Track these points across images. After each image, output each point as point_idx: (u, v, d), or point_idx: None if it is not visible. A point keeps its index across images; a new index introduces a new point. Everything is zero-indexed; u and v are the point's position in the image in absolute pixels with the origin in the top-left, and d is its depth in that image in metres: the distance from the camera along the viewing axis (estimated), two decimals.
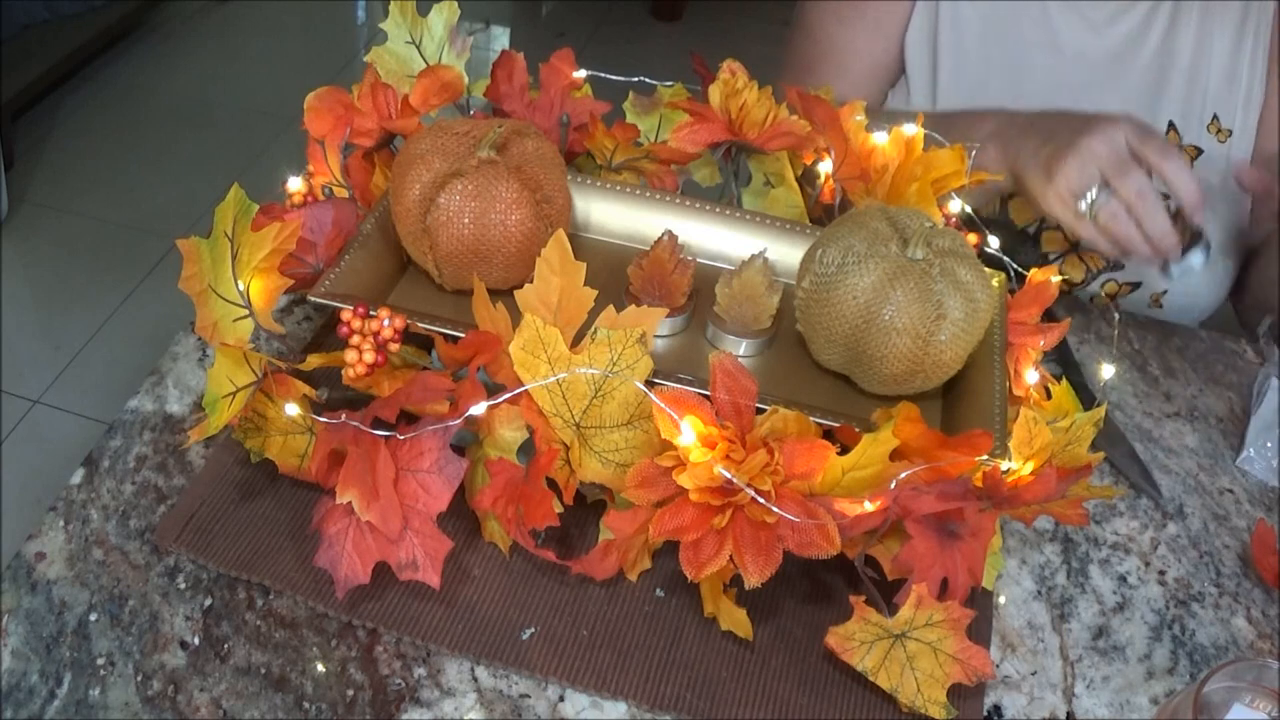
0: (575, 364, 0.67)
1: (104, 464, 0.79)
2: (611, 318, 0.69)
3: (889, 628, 0.66)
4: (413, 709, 0.66)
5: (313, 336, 0.88)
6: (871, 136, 0.88)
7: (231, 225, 0.68)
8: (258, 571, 0.71)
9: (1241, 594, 0.78)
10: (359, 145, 0.85)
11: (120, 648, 0.68)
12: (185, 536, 0.73)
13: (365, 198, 0.85)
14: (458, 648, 0.68)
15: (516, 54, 0.91)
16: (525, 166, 0.76)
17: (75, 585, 0.71)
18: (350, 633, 0.70)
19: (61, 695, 0.66)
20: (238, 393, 0.67)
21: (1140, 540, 0.81)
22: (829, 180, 0.88)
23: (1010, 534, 0.80)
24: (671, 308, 0.80)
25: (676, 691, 0.67)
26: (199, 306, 0.69)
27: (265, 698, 0.66)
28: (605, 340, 0.67)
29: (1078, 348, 0.97)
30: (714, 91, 0.86)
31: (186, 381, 0.85)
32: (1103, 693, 0.72)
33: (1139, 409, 0.92)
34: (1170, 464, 0.88)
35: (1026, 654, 0.73)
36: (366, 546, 0.65)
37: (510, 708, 0.67)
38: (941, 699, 0.65)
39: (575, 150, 0.92)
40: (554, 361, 0.67)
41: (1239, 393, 0.95)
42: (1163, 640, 0.75)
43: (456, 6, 0.90)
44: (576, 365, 0.67)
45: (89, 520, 0.75)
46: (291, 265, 0.77)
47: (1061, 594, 0.77)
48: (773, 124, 0.85)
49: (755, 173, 0.93)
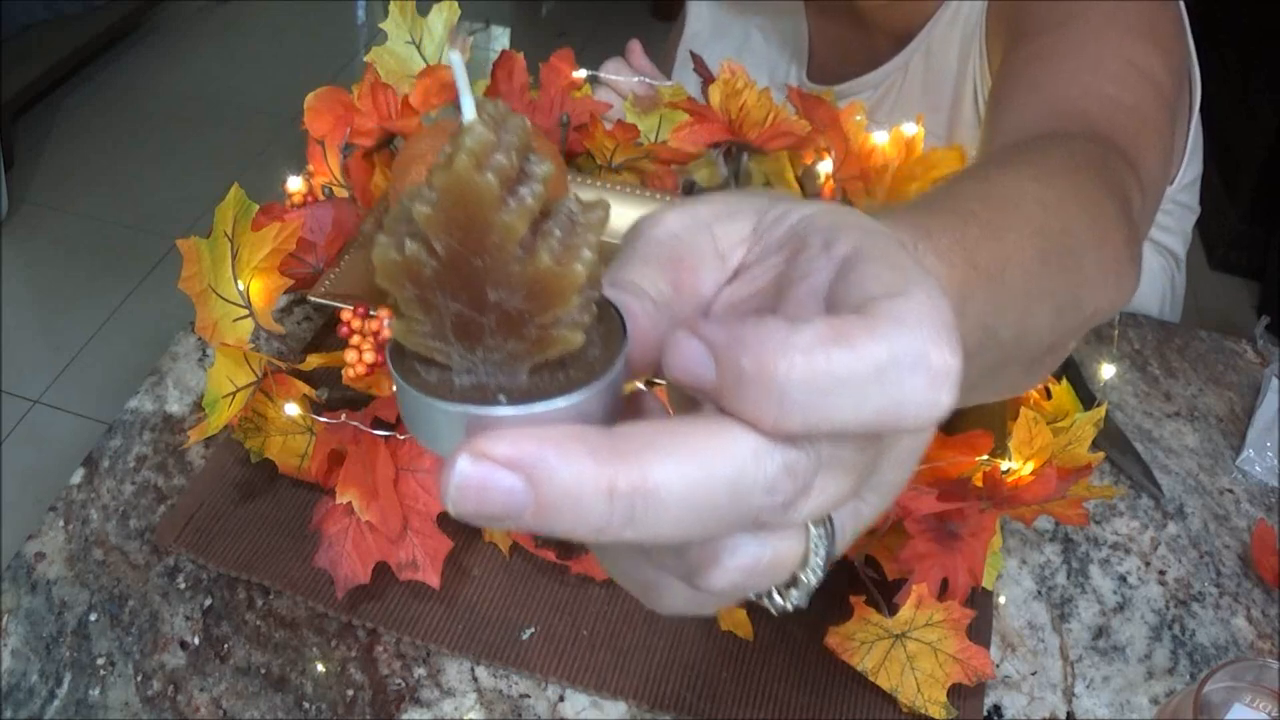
0: None
1: (104, 464, 0.79)
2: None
3: (889, 628, 0.66)
4: (413, 709, 0.66)
5: (313, 336, 0.88)
6: (871, 136, 0.88)
7: (231, 225, 0.68)
8: (258, 571, 0.71)
9: (1241, 594, 0.78)
10: (359, 145, 0.85)
11: (120, 648, 0.68)
12: (185, 536, 0.73)
13: (365, 198, 0.85)
14: (458, 648, 0.68)
15: (516, 54, 0.91)
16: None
17: (75, 585, 0.71)
18: (350, 633, 0.70)
19: (61, 695, 0.66)
20: (238, 393, 0.67)
21: (1140, 540, 0.81)
22: (829, 180, 0.88)
23: (1010, 534, 0.80)
24: None
25: (676, 691, 0.67)
26: (199, 306, 0.69)
27: (265, 698, 0.66)
28: None
29: (1077, 348, 0.97)
30: (714, 91, 0.86)
31: (186, 381, 0.85)
32: (1103, 693, 0.72)
33: (1139, 409, 0.92)
34: (1170, 464, 0.88)
35: (1026, 654, 0.73)
36: (366, 546, 0.65)
37: (510, 708, 0.67)
38: (941, 699, 0.65)
39: (575, 150, 0.92)
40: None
41: (1239, 393, 0.95)
42: (1163, 640, 0.75)
43: (456, 6, 0.90)
44: None
45: (89, 520, 0.75)
46: (291, 265, 0.77)
47: (1061, 594, 0.77)
48: (773, 124, 0.85)
49: (755, 173, 0.93)
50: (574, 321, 0.25)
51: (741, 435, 0.24)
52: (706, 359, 0.25)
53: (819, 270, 0.27)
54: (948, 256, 0.35)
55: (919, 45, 0.93)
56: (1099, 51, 0.65)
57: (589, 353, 0.26)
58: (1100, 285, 0.45)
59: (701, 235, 0.30)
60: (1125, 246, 0.48)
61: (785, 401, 0.24)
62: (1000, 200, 0.41)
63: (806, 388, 0.23)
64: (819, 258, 0.27)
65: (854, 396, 0.24)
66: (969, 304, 0.35)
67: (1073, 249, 0.44)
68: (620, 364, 0.26)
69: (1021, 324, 0.39)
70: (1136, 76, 0.64)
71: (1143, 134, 0.60)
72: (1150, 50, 0.66)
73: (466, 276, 0.24)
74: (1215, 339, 1.01)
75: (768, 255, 0.29)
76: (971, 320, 0.35)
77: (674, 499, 0.24)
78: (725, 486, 0.24)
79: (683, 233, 0.30)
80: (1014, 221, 0.40)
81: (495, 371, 0.26)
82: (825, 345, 0.23)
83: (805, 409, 0.24)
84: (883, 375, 0.24)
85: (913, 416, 0.24)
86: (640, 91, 0.97)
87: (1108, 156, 0.54)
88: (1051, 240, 0.42)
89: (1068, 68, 0.65)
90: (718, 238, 0.30)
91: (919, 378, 0.24)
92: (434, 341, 0.26)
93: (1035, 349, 0.42)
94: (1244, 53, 2.35)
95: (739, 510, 0.24)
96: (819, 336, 0.24)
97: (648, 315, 0.28)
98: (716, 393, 0.25)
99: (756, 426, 0.24)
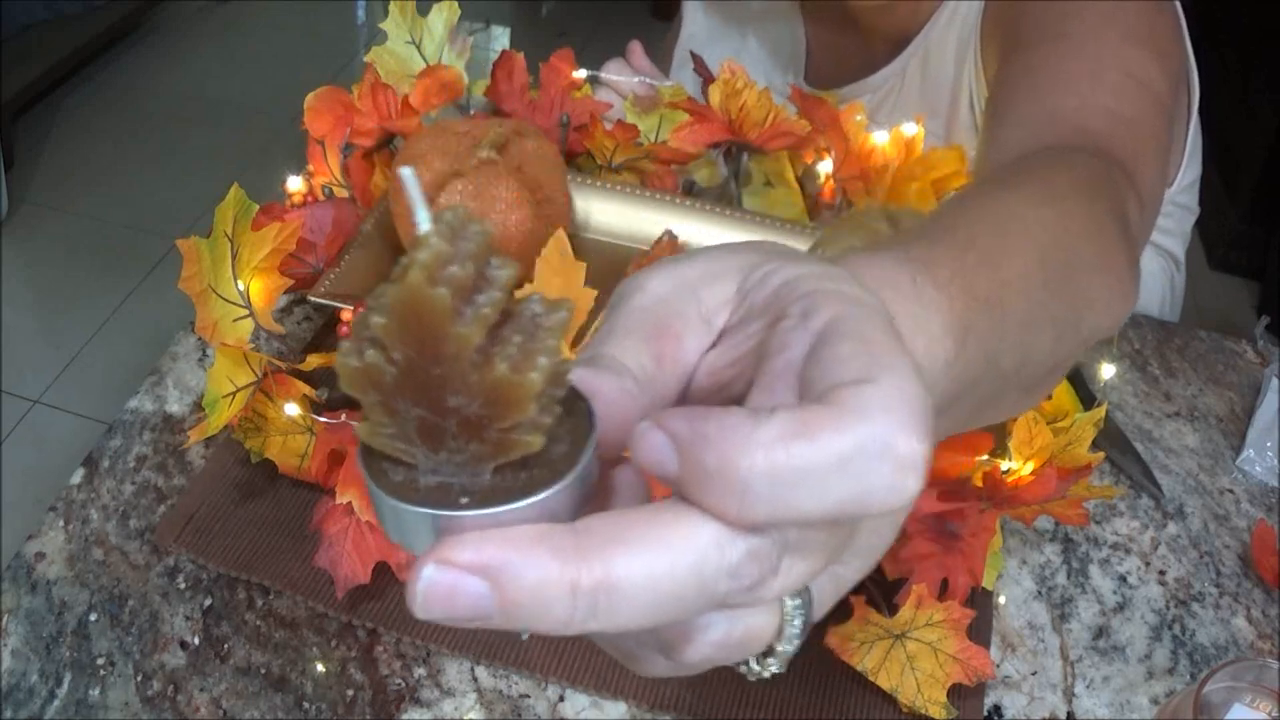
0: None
1: (104, 464, 0.79)
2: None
3: (889, 628, 0.66)
4: (413, 709, 0.66)
5: (313, 336, 0.88)
6: (871, 136, 0.88)
7: (231, 225, 0.68)
8: (258, 571, 0.71)
9: (1241, 594, 0.78)
10: (359, 145, 0.85)
11: (120, 648, 0.68)
12: (185, 536, 0.73)
13: (365, 198, 0.85)
14: (458, 648, 0.68)
15: (516, 54, 0.91)
16: (525, 167, 0.76)
17: (75, 585, 0.71)
18: (350, 633, 0.70)
19: (61, 695, 0.66)
20: (238, 393, 0.67)
21: (1140, 540, 0.81)
22: (829, 180, 0.88)
23: (1010, 534, 0.80)
24: None
25: (676, 691, 0.67)
26: (199, 306, 0.69)
27: (265, 698, 0.66)
28: None
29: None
30: (714, 91, 0.86)
31: (186, 381, 0.85)
32: (1103, 693, 0.72)
33: (1139, 409, 0.92)
34: (1170, 464, 0.88)
35: (1026, 654, 0.73)
36: (366, 546, 0.65)
37: (510, 708, 0.67)
38: (941, 699, 0.65)
39: (575, 150, 0.92)
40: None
41: (1239, 393, 0.95)
42: (1163, 640, 0.75)
43: (456, 6, 0.90)
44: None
45: (89, 520, 0.75)
46: (291, 265, 0.77)
47: (1061, 594, 0.77)
48: (773, 124, 0.85)
49: (755, 173, 0.93)
50: (534, 425, 0.25)
51: (704, 525, 0.24)
52: (670, 451, 0.25)
53: (795, 343, 0.27)
54: (947, 289, 0.34)
55: (916, 50, 0.93)
56: (1097, 63, 0.65)
57: (554, 450, 0.27)
58: (1102, 307, 0.45)
59: (687, 300, 0.30)
60: (1127, 268, 0.48)
61: (748, 496, 0.24)
62: (1001, 225, 0.41)
63: (769, 481, 0.24)
64: (796, 329, 0.27)
65: (817, 488, 0.24)
66: (970, 335, 0.34)
67: (1075, 272, 0.43)
68: (585, 461, 0.26)
69: (1023, 350, 0.39)
70: (1135, 87, 0.64)
71: (1142, 147, 0.60)
72: (1148, 57, 0.66)
73: (425, 384, 0.25)
74: (1215, 339, 1.01)
75: (750, 320, 0.29)
76: (973, 351, 0.35)
77: (637, 591, 0.24)
78: (688, 576, 0.24)
79: (669, 297, 0.30)
80: (1016, 246, 0.40)
81: (459, 472, 0.26)
82: (787, 440, 0.23)
83: (769, 502, 0.24)
84: (846, 466, 0.24)
85: (879, 503, 0.24)
86: (640, 91, 0.97)
87: (1110, 172, 0.53)
88: (1053, 264, 0.41)
89: (1066, 80, 0.65)
90: (702, 300, 0.30)
91: (885, 466, 0.24)
92: (399, 443, 0.26)
93: (1036, 374, 0.41)
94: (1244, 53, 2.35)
95: (704, 596, 0.25)
96: (781, 431, 0.24)
97: (628, 394, 0.28)
98: (680, 484, 0.25)
99: (721, 518, 0.24)
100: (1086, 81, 0.64)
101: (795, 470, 0.23)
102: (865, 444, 0.24)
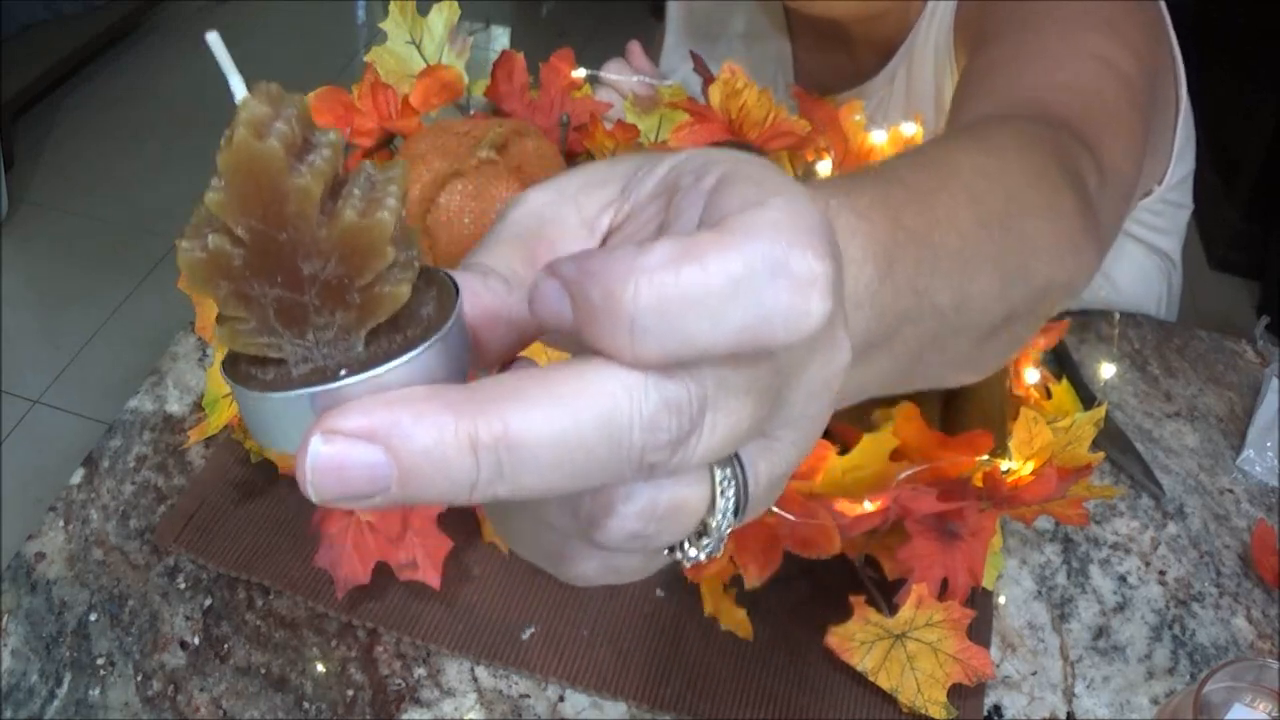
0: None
1: (104, 464, 0.79)
2: None
3: (889, 628, 0.66)
4: (413, 709, 0.66)
5: None
6: (870, 136, 0.88)
7: None
8: (258, 571, 0.71)
9: (1241, 594, 0.78)
10: (359, 145, 0.85)
11: (120, 648, 0.68)
12: (185, 536, 0.73)
13: None
14: (458, 648, 0.68)
15: (516, 54, 0.91)
16: (525, 166, 0.76)
17: (75, 585, 0.71)
18: (350, 633, 0.70)
19: (61, 695, 0.66)
20: None
21: (1140, 540, 0.81)
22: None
23: (1010, 534, 0.80)
24: None
25: (676, 691, 0.67)
26: (199, 306, 0.69)
27: (265, 698, 0.66)
28: None
29: (1077, 348, 0.97)
30: (714, 91, 0.86)
31: (186, 381, 0.85)
32: (1103, 693, 0.72)
33: (1139, 409, 0.92)
34: (1170, 464, 0.88)
35: (1026, 654, 0.73)
36: (366, 546, 0.65)
37: (510, 708, 0.67)
38: (941, 699, 0.65)
39: (575, 150, 0.92)
40: (553, 359, 0.67)
41: (1239, 393, 0.95)
42: (1163, 640, 0.75)
43: (456, 6, 0.90)
44: None
45: (89, 520, 0.75)
46: None
47: (1061, 594, 0.77)
48: (773, 124, 0.85)
49: None
50: (396, 277, 0.24)
51: (610, 373, 0.22)
52: (563, 297, 0.23)
53: (692, 205, 0.25)
54: (868, 214, 0.33)
55: (902, 57, 0.93)
56: (1060, 50, 0.64)
57: (422, 312, 0.25)
58: (1053, 255, 0.43)
59: (565, 207, 0.29)
60: (1078, 216, 0.46)
61: (637, 328, 0.22)
62: (932, 168, 0.40)
63: (657, 312, 0.22)
64: (690, 193, 0.25)
65: (710, 315, 0.22)
66: (896, 265, 0.33)
67: (1015, 215, 0.41)
68: (457, 314, 0.25)
69: (962, 290, 0.37)
70: (1096, 65, 0.62)
71: (1103, 119, 0.58)
72: (1115, 45, 0.64)
73: (275, 255, 0.23)
74: (1215, 339, 1.01)
75: (641, 210, 0.28)
76: (900, 281, 0.33)
77: (542, 446, 0.22)
78: (597, 429, 0.22)
79: (543, 208, 0.29)
80: (947, 186, 0.38)
81: (331, 350, 0.24)
82: (673, 265, 0.22)
83: (660, 334, 0.22)
84: (738, 289, 0.22)
85: (782, 328, 0.22)
86: (640, 91, 0.97)
87: (1059, 134, 0.52)
88: (990, 205, 0.40)
89: (1028, 65, 0.64)
90: (582, 206, 0.29)
91: (780, 285, 0.22)
92: (262, 337, 0.24)
93: (984, 320, 0.40)
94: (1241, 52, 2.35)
95: (619, 454, 0.22)
96: (666, 257, 0.22)
97: (494, 293, 0.27)
98: (578, 332, 0.23)
99: (618, 360, 0.22)
100: (1047, 64, 0.63)
101: (684, 298, 0.22)
102: (755, 263, 0.22)
